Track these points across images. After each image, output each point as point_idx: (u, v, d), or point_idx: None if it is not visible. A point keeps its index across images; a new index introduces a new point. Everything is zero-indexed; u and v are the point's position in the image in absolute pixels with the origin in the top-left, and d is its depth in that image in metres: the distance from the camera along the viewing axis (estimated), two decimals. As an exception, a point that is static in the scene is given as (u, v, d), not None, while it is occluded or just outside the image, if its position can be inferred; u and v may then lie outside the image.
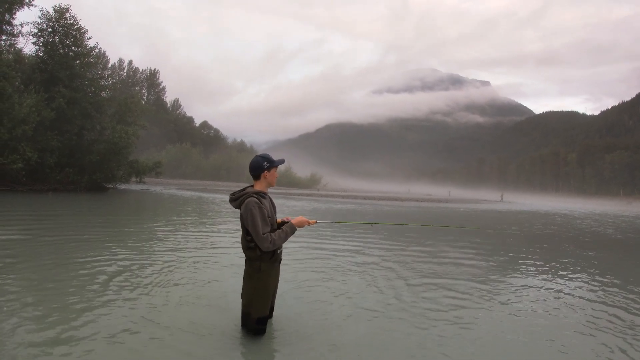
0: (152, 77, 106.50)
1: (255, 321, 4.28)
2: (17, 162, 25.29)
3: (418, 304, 6.07)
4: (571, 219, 29.53)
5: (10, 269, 6.90)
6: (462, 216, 27.77)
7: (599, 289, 7.70)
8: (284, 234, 4.13)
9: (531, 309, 6.14)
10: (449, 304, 6.19)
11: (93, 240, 10.21)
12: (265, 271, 4.20)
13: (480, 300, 6.52)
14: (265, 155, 4.34)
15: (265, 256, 4.15)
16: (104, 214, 18.34)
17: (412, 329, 5.03)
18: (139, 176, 37.90)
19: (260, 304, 4.25)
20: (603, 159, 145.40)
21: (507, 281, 8.07)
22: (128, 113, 36.22)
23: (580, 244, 15.22)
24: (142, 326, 4.60)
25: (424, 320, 5.33)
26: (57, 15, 31.68)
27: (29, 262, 7.44)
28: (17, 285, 5.97)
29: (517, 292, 7.18)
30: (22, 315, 4.72)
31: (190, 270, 7.47)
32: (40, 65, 31.78)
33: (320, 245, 10.88)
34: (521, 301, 6.58)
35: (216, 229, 14.19)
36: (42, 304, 5.18)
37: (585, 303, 6.66)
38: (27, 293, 5.65)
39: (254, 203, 4.04)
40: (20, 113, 25.74)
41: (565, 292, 7.33)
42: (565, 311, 6.14)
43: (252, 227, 4.01)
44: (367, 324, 5.12)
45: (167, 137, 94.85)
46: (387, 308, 5.82)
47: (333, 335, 4.65)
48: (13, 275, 6.51)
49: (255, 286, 4.22)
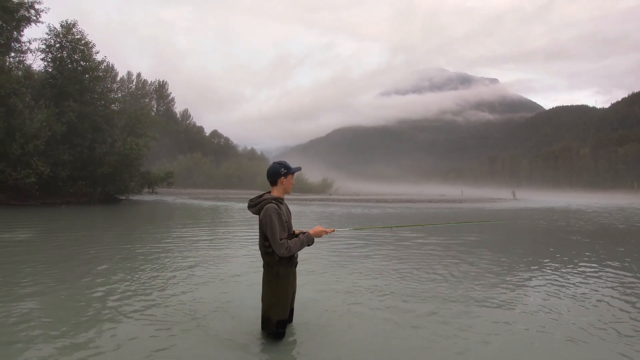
0: (161, 89, 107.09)
1: (275, 324, 4.30)
2: (30, 176, 25.63)
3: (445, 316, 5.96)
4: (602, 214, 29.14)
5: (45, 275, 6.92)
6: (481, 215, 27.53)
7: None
8: (299, 242, 4.18)
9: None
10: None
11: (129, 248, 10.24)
12: (283, 275, 4.25)
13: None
14: (282, 162, 4.40)
15: (283, 261, 4.21)
16: (137, 222, 18.42)
17: (433, 335, 4.96)
18: (151, 187, 38.29)
19: (280, 307, 4.30)
20: (616, 152, 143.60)
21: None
22: (138, 125, 36.60)
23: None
24: (161, 331, 4.66)
25: (447, 329, 5.20)
26: (64, 30, 32.17)
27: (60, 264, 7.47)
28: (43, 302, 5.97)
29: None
30: (43, 322, 4.75)
31: (207, 274, 7.59)
32: (49, 80, 32.23)
33: (340, 250, 10.83)
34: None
35: (235, 232, 14.18)
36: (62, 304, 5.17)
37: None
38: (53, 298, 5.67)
39: (273, 209, 4.13)
40: (32, 128, 26.08)
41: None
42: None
43: (270, 233, 4.09)
44: (387, 330, 4.99)
45: (178, 147, 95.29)
46: (408, 315, 5.73)
47: (353, 340, 4.57)
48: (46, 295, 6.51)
49: (274, 291, 4.27)
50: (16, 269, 7.83)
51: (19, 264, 8.30)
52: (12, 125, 25.76)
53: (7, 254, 9.43)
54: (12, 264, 8.32)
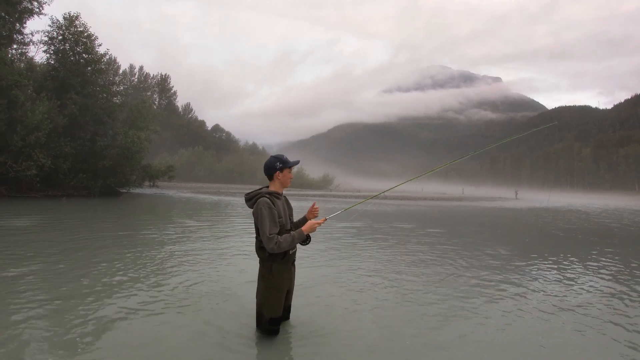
0: (163, 82, 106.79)
1: (268, 321, 4.26)
2: (31, 168, 25.61)
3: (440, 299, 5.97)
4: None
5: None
6: (483, 215, 27.48)
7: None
8: (290, 238, 4.03)
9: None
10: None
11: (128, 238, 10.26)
12: (277, 271, 4.17)
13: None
14: (279, 156, 4.32)
15: (276, 257, 4.13)
16: (142, 214, 18.44)
17: (425, 327, 4.98)
18: (152, 180, 38.31)
19: (273, 304, 4.23)
20: (617, 153, 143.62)
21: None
22: (140, 118, 36.49)
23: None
24: (156, 329, 4.62)
25: (449, 329, 5.22)
26: (67, 23, 32.03)
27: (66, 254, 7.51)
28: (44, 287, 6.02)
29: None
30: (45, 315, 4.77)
31: (207, 269, 7.57)
32: (51, 72, 32.16)
33: (338, 248, 10.81)
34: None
35: (233, 228, 14.19)
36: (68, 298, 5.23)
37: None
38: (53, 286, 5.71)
39: (264, 203, 4.04)
40: (33, 120, 26.05)
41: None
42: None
43: (260, 227, 4.01)
44: (386, 326, 5.03)
45: (179, 141, 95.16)
46: (408, 315, 5.72)
47: (349, 337, 4.57)
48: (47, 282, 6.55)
49: (268, 286, 4.20)
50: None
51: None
52: (13, 117, 25.71)
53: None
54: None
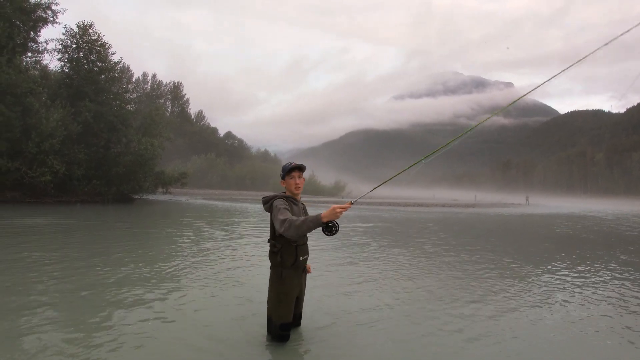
0: (176, 90, 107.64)
1: (278, 327, 4.27)
2: (45, 174, 25.93)
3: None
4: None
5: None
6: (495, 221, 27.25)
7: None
8: (304, 221, 3.72)
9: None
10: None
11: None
12: (286, 278, 4.21)
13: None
14: (284, 166, 4.43)
15: (287, 262, 4.17)
16: (151, 220, 18.50)
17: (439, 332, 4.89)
18: (165, 187, 38.54)
19: (282, 309, 4.25)
20: (631, 158, 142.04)
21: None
22: (153, 125, 36.80)
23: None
24: (167, 332, 4.62)
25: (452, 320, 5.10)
26: (81, 31, 32.46)
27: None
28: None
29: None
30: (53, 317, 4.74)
31: (221, 273, 7.56)
32: (66, 80, 32.57)
33: (352, 251, 10.72)
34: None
35: (247, 235, 14.15)
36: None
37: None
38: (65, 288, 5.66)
39: (279, 201, 4.14)
40: (48, 127, 26.37)
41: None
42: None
43: (274, 216, 4.04)
44: (396, 334, 4.91)
45: (192, 148, 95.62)
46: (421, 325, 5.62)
47: (359, 343, 4.49)
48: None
49: (278, 292, 4.24)
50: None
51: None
52: (28, 124, 26.09)
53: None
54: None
